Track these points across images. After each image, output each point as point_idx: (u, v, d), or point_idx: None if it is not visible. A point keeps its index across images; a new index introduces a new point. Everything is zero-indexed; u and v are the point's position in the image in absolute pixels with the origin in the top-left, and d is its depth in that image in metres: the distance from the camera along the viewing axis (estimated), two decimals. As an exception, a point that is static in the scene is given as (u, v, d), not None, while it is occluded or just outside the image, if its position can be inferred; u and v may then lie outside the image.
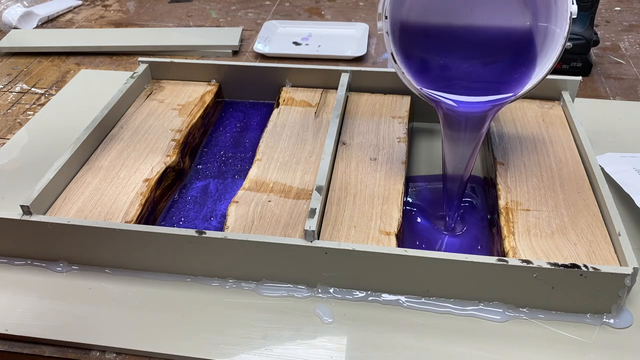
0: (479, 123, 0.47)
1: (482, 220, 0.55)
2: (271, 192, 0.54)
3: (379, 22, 0.46)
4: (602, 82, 0.78)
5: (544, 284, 0.44)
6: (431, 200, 0.56)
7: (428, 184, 0.59)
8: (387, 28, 0.45)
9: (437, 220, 0.54)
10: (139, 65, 0.70)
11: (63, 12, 1.05)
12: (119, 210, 0.51)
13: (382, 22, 0.45)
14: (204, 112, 0.66)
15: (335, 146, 0.57)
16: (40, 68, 0.86)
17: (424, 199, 0.57)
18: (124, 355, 0.45)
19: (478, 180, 0.59)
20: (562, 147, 0.58)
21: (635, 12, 1.00)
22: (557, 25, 0.44)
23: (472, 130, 0.48)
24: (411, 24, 0.48)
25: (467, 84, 0.48)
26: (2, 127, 0.72)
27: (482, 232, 0.53)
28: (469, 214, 0.55)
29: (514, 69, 0.47)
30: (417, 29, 0.48)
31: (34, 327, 0.46)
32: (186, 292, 0.48)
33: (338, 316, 0.46)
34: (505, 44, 0.48)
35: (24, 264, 0.51)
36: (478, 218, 0.55)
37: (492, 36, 0.48)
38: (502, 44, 0.48)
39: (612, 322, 0.45)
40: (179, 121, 0.63)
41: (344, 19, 1.00)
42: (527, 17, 0.47)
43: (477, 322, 0.45)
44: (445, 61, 0.48)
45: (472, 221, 0.54)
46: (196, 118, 0.64)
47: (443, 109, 0.47)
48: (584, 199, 0.51)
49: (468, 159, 0.49)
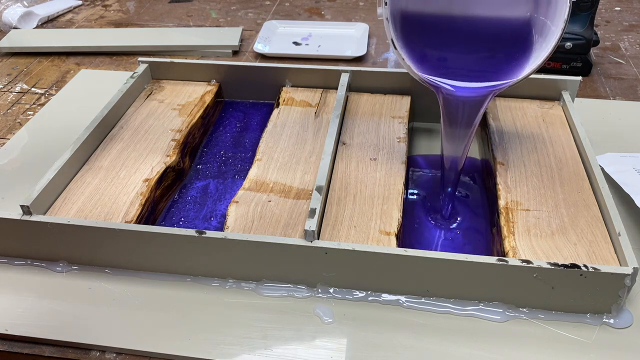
0: (476, 107, 0.49)
1: (479, 209, 0.55)
2: (271, 192, 0.54)
3: (379, 9, 0.47)
4: (602, 82, 0.78)
5: (544, 284, 0.44)
6: (428, 189, 0.57)
7: (428, 170, 0.60)
8: (387, 14, 0.46)
9: (434, 213, 0.55)
10: (139, 65, 0.70)
11: (63, 12, 1.05)
12: (119, 210, 0.51)
13: (382, 9, 0.46)
14: (204, 112, 0.66)
15: (335, 146, 0.57)
16: (40, 68, 0.86)
17: (422, 187, 0.58)
18: (124, 355, 0.45)
19: (476, 167, 0.60)
20: (562, 147, 0.58)
21: (635, 12, 1.00)
22: (556, 12, 0.46)
23: (470, 113, 0.49)
24: (411, 12, 0.49)
25: (466, 70, 0.49)
26: (2, 127, 0.72)
27: (479, 221, 0.54)
28: (465, 206, 0.56)
29: (511, 56, 0.48)
30: (417, 16, 0.50)
31: (34, 327, 0.46)
32: (186, 292, 0.48)
33: (338, 316, 0.46)
34: (504, 32, 0.49)
35: (24, 264, 0.51)
36: (475, 209, 0.55)
37: (491, 25, 0.49)
38: (501, 33, 0.49)
39: (612, 322, 0.45)
40: (179, 121, 0.63)
41: (344, 19, 1.00)
42: (526, 6, 0.48)
43: (477, 322, 0.45)
44: (445, 48, 0.50)
45: (467, 212, 0.55)
46: (196, 118, 0.64)
47: (443, 93, 0.49)
48: (584, 199, 0.51)
49: (465, 141, 0.51)
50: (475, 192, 0.58)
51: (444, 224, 0.54)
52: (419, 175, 0.60)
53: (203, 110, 0.66)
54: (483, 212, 0.56)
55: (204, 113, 0.66)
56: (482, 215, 0.55)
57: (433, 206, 0.56)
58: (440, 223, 0.54)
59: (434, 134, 0.66)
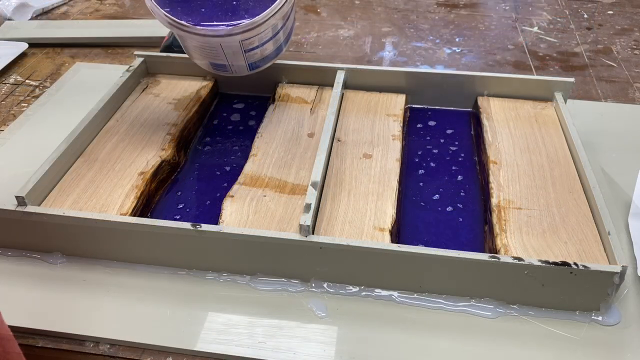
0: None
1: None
2: (266, 187, 0.54)
3: None
4: (594, 84, 0.79)
5: (534, 281, 0.45)
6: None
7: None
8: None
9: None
10: (135, 59, 0.70)
11: (58, 4, 1.05)
12: (114, 202, 0.51)
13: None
14: (199, 107, 0.66)
15: (330, 143, 0.57)
16: (35, 60, 0.86)
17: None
18: (118, 346, 0.45)
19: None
20: (555, 147, 0.58)
21: (627, 15, 1.01)
22: None
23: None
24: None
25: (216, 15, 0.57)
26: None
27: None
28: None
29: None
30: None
31: (28, 318, 0.46)
32: (180, 285, 0.49)
33: (331, 311, 0.47)
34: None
35: (18, 255, 0.51)
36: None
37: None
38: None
39: (601, 320, 0.46)
40: (174, 115, 0.64)
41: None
42: None
43: (468, 318, 0.46)
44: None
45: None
46: (192, 112, 0.64)
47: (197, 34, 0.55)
48: (575, 198, 0.52)
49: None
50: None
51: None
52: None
53: (199, 105, 0.66)
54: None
55: (199, 108, 0.66)
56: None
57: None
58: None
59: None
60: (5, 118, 0.72)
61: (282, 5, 0.55)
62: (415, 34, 0.94)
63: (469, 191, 0.58)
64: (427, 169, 0.61)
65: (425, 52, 0.88)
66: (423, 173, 0.60)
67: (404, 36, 0.93)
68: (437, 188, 0.58)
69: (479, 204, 0.57)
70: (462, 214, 0.55)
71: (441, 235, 0.53)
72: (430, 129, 0.66)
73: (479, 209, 0.56)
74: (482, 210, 0.55)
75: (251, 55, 0.59)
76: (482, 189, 0.57)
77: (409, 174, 0.59)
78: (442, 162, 0.61)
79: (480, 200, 0.57)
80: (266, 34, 0.57)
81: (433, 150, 0.63)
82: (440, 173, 0.60)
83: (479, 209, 0.56)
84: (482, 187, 0.57)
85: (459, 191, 0.58)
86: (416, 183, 0.59)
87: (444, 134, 0.65)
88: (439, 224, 0.54)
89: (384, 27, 0.96)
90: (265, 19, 0.55)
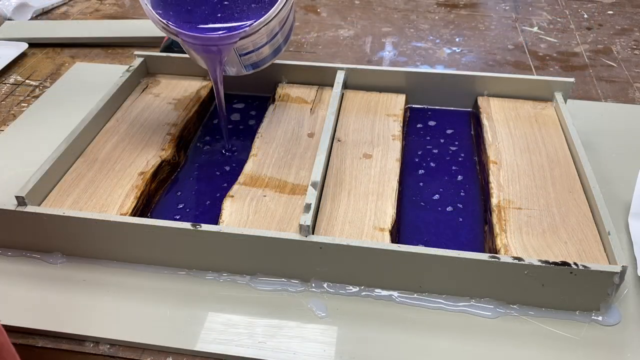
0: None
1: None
2: (266, 187, 0.54)
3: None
4: (594, 84, 0.79)
5: (534, 281, 0.45)
6: None
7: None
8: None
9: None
10: (135, 59, 0.70)
11: (58, 4, 1.05)
12: (114, 202, 0.51)
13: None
14: (199, 107, 0.66)
15: (330, 143, 0.57)
16: (35, 60, 0.86)
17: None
18: (118, 346, 0.45)
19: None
20: (554, 147, 0.58)
21: (627, 15, 1.01)
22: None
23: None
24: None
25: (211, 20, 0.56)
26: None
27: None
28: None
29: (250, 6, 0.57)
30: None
31: (28, 318, 0.46)
32: (180, 285, 0.49)
33: (331, 310, 0.47)
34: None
35: (18, 255, 0.51)
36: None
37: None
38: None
39: (601, 320, 0.46)
40: (174, 115, 0.64)
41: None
42: None
43: (468, 318, 0.46)
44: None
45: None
46: (192, 112, 0.64)
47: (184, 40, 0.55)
48: (575, 198, 0.52)
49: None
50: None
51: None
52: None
53: (199, 104, 0.66)
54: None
55: (199, 108, 0.66)
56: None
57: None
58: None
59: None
60: (5, 118, 0.72)
61: (277, 12, 0.54)
62: (415, 34, 0.94)
63: (469, 191, 0.58)
64: (427, 169, 0.61)
65: (425, 52, 0.88)
66: (423, 173, 0.60)
67: (404, 36, 0.93)
68: (437, 188, 0.58)
69: (479, 204, 0.57)
70: (462, 214, 0.55)
71: (441, 235, 0.53)
72: (430, 129, 0.66)
73: (479, 209, 0.56)
74: (482, 210, 0.55)
75: (247, 59, 0.59)
76: (482, 189, 0.57)
77: (409, 174, 0.59)
78: (442, 162, 0.61)
79: (480, 200, 0.57)
80: (261, 39, 0.57)
81: (433, 150, 0.63)
82: (440, 173, 0.60)
83: (479, 209, 0.56)
84: (482, 187, 0.57)
85: (459, 191, 0.58)
86: (416, 183, 0.59)
87: (444, 134, 0.65)
88: (439, 224, 0.54)
89: (384, 27, 0.96)
90: (259, 28, 0.54)
